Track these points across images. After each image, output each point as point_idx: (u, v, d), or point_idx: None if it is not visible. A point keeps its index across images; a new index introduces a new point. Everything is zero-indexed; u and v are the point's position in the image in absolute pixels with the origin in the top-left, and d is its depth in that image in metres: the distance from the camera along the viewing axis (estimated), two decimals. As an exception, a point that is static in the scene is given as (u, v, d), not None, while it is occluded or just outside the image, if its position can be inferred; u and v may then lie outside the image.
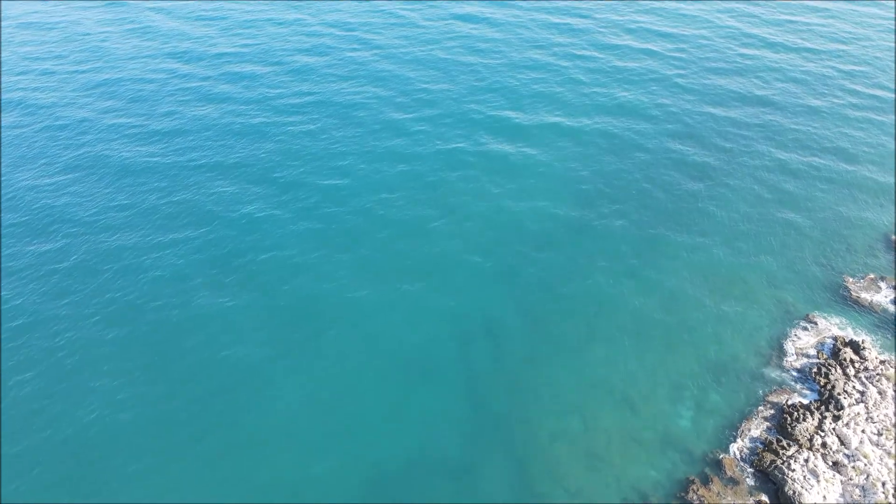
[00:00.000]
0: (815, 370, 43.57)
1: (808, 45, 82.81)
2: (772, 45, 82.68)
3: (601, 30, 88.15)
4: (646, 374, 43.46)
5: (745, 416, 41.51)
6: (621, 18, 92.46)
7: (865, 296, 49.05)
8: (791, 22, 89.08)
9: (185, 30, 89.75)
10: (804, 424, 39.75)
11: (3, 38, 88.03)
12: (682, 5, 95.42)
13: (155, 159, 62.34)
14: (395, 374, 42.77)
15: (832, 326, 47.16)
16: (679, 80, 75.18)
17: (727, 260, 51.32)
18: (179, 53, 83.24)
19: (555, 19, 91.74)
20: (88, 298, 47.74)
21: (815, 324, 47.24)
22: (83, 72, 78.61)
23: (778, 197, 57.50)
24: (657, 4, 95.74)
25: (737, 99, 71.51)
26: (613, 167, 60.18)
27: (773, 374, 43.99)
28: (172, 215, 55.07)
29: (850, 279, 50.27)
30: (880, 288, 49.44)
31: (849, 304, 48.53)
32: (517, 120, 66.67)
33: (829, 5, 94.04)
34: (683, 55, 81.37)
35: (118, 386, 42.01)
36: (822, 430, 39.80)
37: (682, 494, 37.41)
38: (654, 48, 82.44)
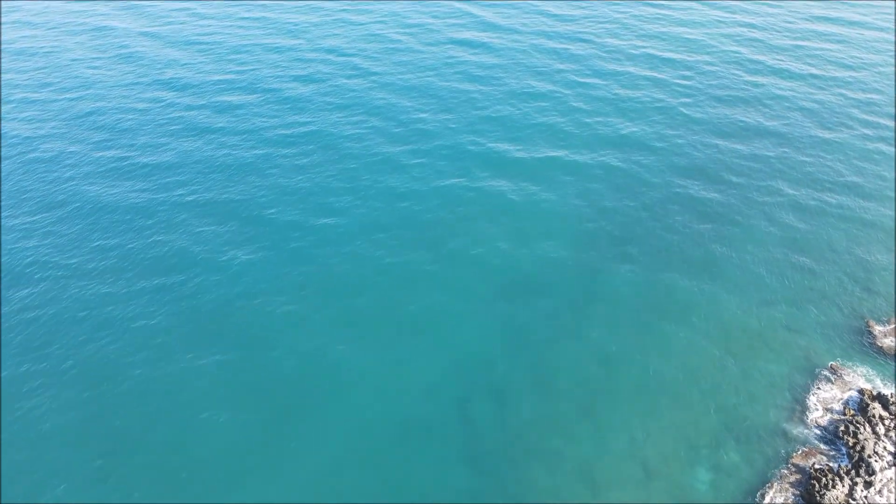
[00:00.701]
0: (842, 428, 40.52)
1: (814, 71, 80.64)
2: (778, 72, 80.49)
3: (602, 55, 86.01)
4: (659, 432, 40.41)
5: (768, 480, 38.41)
6: (623, 43, 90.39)
7: (890, 342, 46.15)
8: (797, 47, 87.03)
9: (175, 56, 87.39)
10: (834, 492, 36.66)
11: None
12: (684, 30, 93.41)
13: (140, 196, 59.52)
14: (385, 448, 39.26)
15: (858, 377, 44.19)
16: (684, 110, 72.76)
17: (741, 306, 48.41)
18: (168, 81, 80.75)
19: (554, 44, 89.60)
20: (64, 352, 44.63)
21: (840, 374, 44.28)
22: (67, 100, 76.00)
23: (791, 236, 54.73)
24: (660, 29, 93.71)
25: (744, 130, 69.04)
26: (618, 205, 57.44)
27: (797, 431, 40.94)
28: (156, 258, 52.11)
29: (874, 324, 47.41)
30: (906, 334, 46.69)
31: (874, 352, 45.61)
32: (517, 154, 63.96)
33: (836, 30, 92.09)
34: (688, 82, 79.09)
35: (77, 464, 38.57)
36: (854, 499, 36.68)
37: (704, 573, 34.27)
38: (658, 75, 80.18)
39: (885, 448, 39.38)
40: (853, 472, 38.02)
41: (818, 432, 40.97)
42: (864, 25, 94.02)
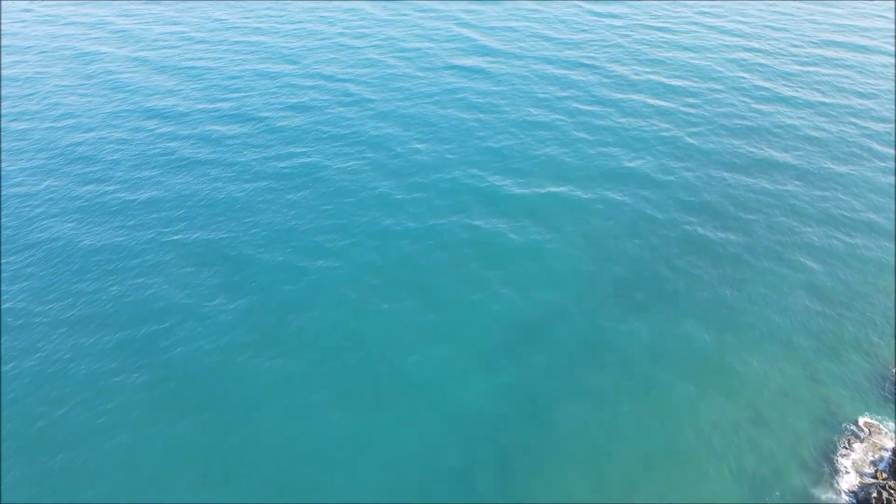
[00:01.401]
0: (874, 494, 37.40)
1: (823, 99, 78.40)
2: (786, 100, 78.22)
3: (605, 81, 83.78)
4: (676, 499, 37.21)
5: (797, 554, 35.24)
6: (626, 70, 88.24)
7: (921, 394, 43.21)
8: (805, 73, 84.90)
9: (163, 83, 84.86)
10: (872, 572, 33.48)
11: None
12: (689, 55, 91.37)
13: (121, 234, 56.49)
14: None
15: (889, 434, 41.13)
16: (691, 140, 70.28)
17: (759, 357, 45.39)
18: (155, 109, 78.07)
19: (555, 70, 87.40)
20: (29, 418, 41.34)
21: (870, 431, 41.21)
22: (47, 130, 73.18)
23: (808, 279, 51.84)
24: (664, 55, 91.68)
25: (754, 161, 66.51)
26: (623, 245, 54.56)
27: (825, 497, 37.77)
28: (135, 304, 48.94)
29: (903, 374, 44.49)
30: (938, 384, 43.71)
31: (904, 406, 42.61)
32: (517, 189, 61.05)
33: (844, 55, 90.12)
34: (693, 111, 76.75)
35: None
36: (894, 580, 33.47)
37: None
38: (663, 103, 77.84)
39: (922, 518, 36.23)
40: (891, 548, 34.85)
41: (848, 499, 37.83)
42: (872, 50, 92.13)
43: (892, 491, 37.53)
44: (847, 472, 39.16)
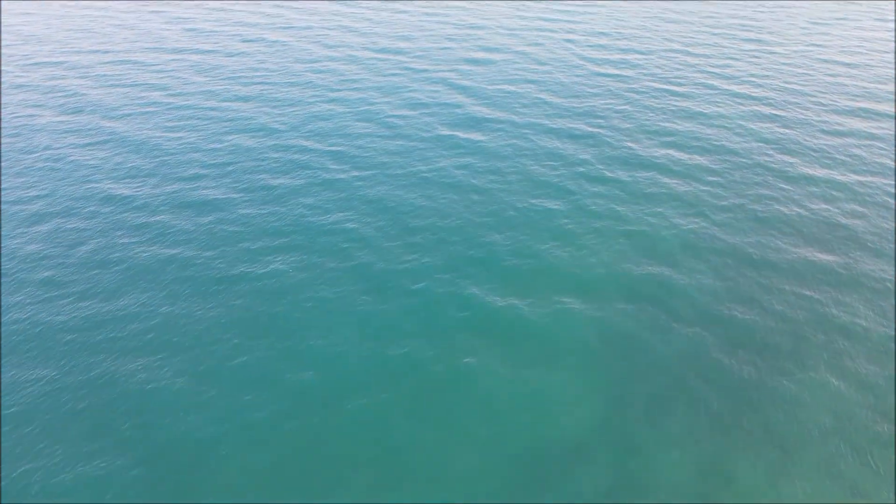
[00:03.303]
0: None
1: (859, 178, 72.36)
2: (820, 181, 72.08)
3: (614, 158, 77.52)
4: None
5: None
6: (637, 146, 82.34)
7: None
8: (833, 147, 79.12)
9: (139, 147, 77.83)
10: None
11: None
12: (706, 123, 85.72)
13: (66, 332, 48.41)
14: None
15: None
16: (715, 216, 63.63)
17: (817, 494, 37.52)
18: (122, 173, 70.81)
19: (551, 124, 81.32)
20: None
21: None
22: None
23: (866, 399, 44.36)
24: (675, 104, 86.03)
25: (788, 242, 59.74)
26: (647, 356, 46.92)
27: None
28: (82, 414, 40.61)
29: None
30: None
31: None
32: (522, 308, 53.04)
33: (874, 127, 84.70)
34: (715, 178, 70.48)
35: None
36: None
37: None
38: (683, 186, 71.49)
39: None
40: None
41: None
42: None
43: None
44: None
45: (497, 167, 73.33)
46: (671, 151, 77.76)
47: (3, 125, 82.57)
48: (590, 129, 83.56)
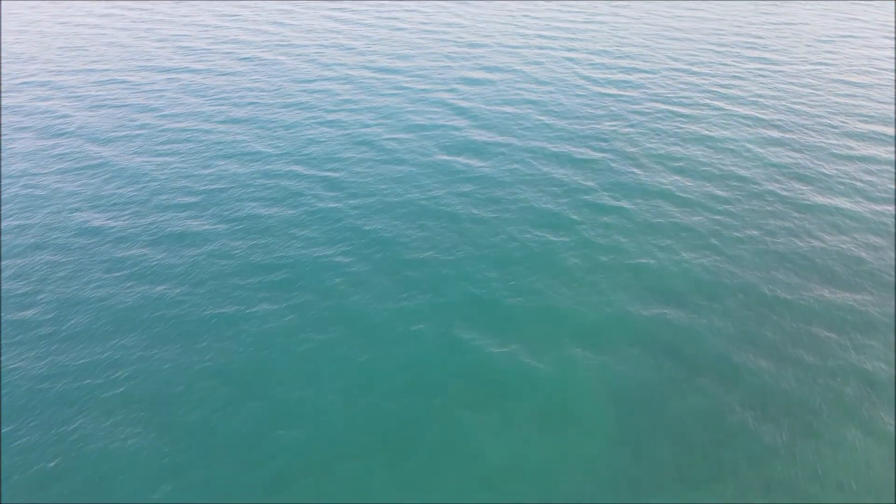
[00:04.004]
0: None
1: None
2: (829, 189, 68.98)
3: (622, 189, 74.53)
4: None
5: None
6: (634, 149, 79.49)
7: None
8: (847, 157, 76.10)
9: (122, 170, 74.81)
10: None
11: None
12: (711, 130, 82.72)
13: (31, 381, 45.01)
14: None
15: None
16: (726, 249, 60.42)
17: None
18: (103, 201, 67.65)
19: (553, 147, 78.32)
20: None
21: None
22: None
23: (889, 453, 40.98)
24: (682, 126, 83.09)
25: (804, 278, 56.50)
26: (660, 412, 43.47)
27: None
28: None
29: None
30: None
31: None
32: (523, 357, 49.80)
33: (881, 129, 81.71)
34: (725, 206, 67.39)
35: None
36: None
37: None
38: (686, 194, 68.40)
39: None
40: None
41: None
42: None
43: None
44: None
45: (497, 195, 70.25)
46: (678, 178, 74.71)
47: (-17, 151, 79.63)
48: (593, 153, 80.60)
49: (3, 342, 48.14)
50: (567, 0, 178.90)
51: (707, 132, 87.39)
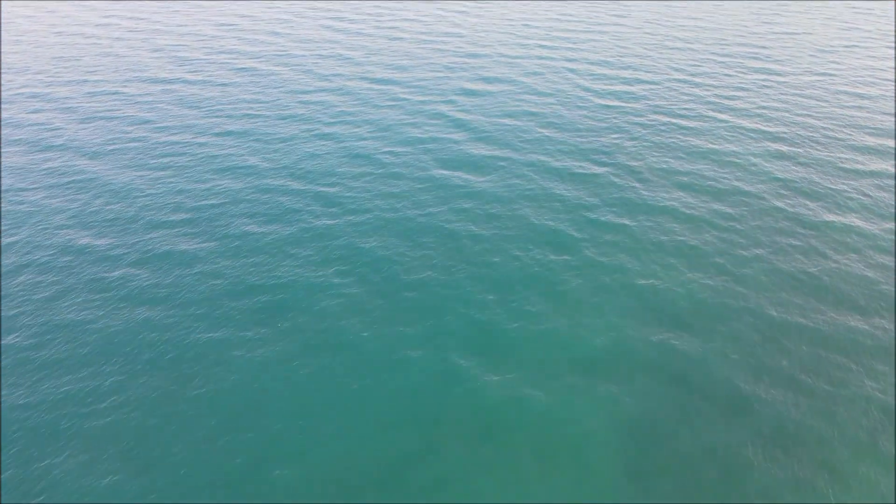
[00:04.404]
0: None
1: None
2: (836, 205, 67.12)
3: (628, 208, 72.72)
4: None
5: None
6: (637, 163, 77.73)
7: None
8: (850, 172, 74.27)
9: (110, 185, 73.03)
10: None
11: None
12: (715, 143, 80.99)
13: (13, 411, 43.07)
14: None
15: None
16: (732, 269, 58.51)
17: None
18: (92, 219, 65.86)
19: (554, 162, 76.57)
20: None
21: None
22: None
23: (921, 493, 38.97)
24: (685, 139, 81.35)
25: (813, 299, 54.61)
26: (667, 449, 41.50)
27: None
28: None
29: None
30: None
31: None
32: (522, 389, 47.93)
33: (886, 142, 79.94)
34: (730, 223, 65.56)
35: None
36: None
37: None
38: (690, 210, 66.56)
39: None
40: None
41: None
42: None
43: None
44: None
45: (496, 212, 68.42)
46: (683, 194, 72.90)
47: (-29, 165, 77.99)
48: (595, 167, 78.83)
49: (-19, 370, 46.22)
50: (567, 7, 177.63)
51: (712, 145, 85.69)
